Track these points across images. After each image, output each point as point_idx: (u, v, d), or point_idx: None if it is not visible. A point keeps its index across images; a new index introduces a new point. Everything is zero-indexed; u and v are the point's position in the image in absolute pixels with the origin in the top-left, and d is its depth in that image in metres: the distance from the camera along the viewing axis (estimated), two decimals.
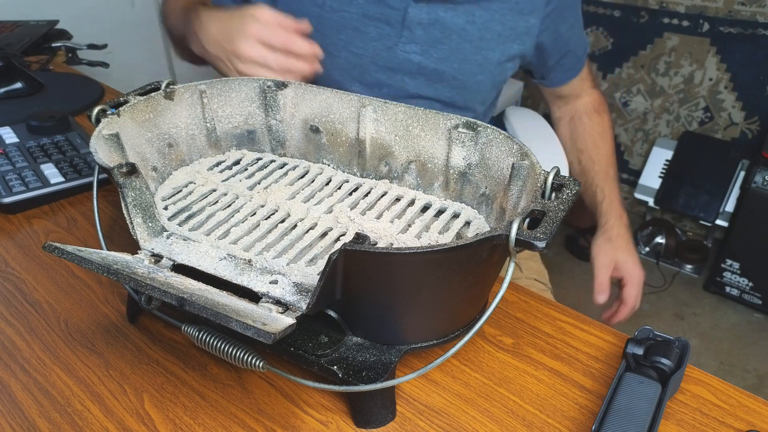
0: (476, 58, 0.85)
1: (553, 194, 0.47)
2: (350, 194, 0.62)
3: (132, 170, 0.52)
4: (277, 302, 0.46)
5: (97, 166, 0.57)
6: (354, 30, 0.83)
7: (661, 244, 2.08)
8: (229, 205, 0.60)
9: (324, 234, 0.56)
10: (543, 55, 0.93)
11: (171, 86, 0.64)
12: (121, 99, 0.60)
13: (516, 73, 0.96)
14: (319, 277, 0.42)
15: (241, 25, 0.69)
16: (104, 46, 1.44)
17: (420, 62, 0.85)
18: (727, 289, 1.90)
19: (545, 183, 0.47)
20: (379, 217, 0.58)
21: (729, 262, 1.87)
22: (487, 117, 1.01)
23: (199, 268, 0.50)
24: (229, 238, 0.54)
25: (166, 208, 0.58)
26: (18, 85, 1.07)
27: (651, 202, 2.11)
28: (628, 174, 2.31)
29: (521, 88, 2.29)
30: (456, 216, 0.59)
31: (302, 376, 0.47)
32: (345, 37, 0.84)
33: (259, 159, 0.68)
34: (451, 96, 0.89)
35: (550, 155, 1.06)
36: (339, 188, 0.63)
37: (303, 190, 0.62)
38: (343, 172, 0.66)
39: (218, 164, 0.67)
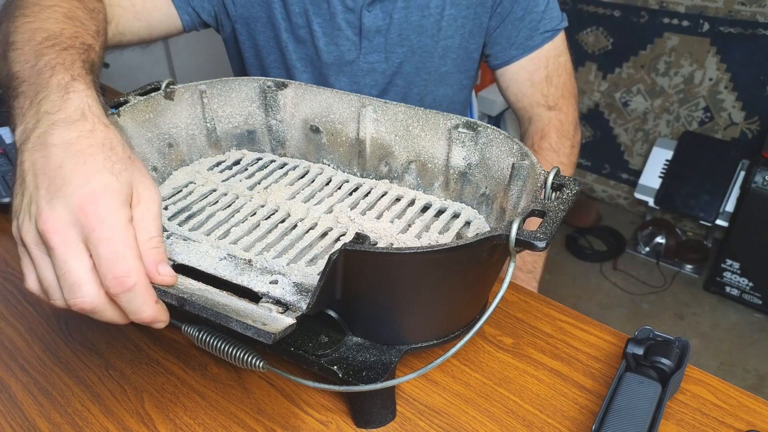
0: (438, 51, 0.84)
1: (553, 194, 0.47)
2: (350, 194, 0.62)
3: None
4: (277, 302, 0.46)
5: None
6: (314, 46, 0.83)
7: (661, 244, 2.08)
8: (229, 205, 0.60)
9: (324, 234, 0.56)
10: (494, 21, 0.84)
11: (171, 86, 0.64)
12: (121, 99, 0.60)
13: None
14: (319, 277, 0.42)
15: (89, 184, 0.38)
16: None
17: (384, 70, 0.84)
18: (727, 289, 1.90)
19: (545, 183, 0.47)
20: (379, 217, 0.57)
21: (729, 262, 1.87)
22: (466, 106, 0.97)
23: (199, 268, 0.50)
24: (229, 238, 0.54)
25: (166, 208, 0.58)
26: None
27: (651, 202, 2.11)
28: (628, 174, 2.31)
29: None
30: (456, 216, 0.59)
31: (302, 376, 0.47)
32: (307, 50, 0.83)
33: (259, 159, 0.68)
34: (421, 95, 0.88)
35: None
36: (339, 188, 0.63)
37: (303, 190, 0.62)
38: (343, 172, 0.66)
39: (218, 164, 0.67)
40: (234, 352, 0.48)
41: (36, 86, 0.44)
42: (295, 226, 0.57)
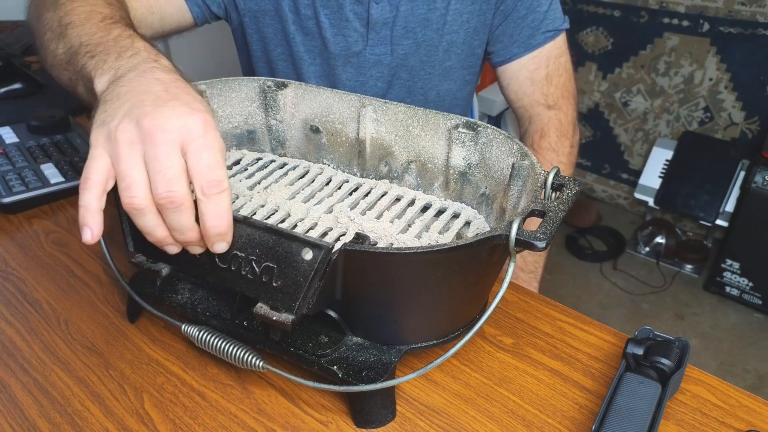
0: (442, 45, 0.84)
1: (553, 194, 0.47)
2: (350, 194, 0.62)
3: None
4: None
5: None
6: (321, 38, 0.83)
7: (661, 244, 2.08)
8: None
9: (324, 234, 0.56)
10: (497, 19, 0.85)
11: None
12: None
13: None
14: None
15: (185, 113, 0.41)
16: None
17: (390, 62, 0.85)
18: (727, 289, 1.90)
19: (545, 183, 0.47)
20: (379, 217, 0.57)
21: (729, 262, 1.87)
22: (469, 102, 0.98)
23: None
24: None
25: None
26: (18, 85, 1.07)
27: (651, 202, 2.11)
28: (628, 174, 2.31)
29: None
30: (456, 216, 0.59)
31: (302, 376, 0.47)
32: (316, 43, 0.84)
33: (259, 159, 0.68)
34: (425, 89, 0.88)
35: None
36: (339, 188, 0.63)
37: (303, 190, 0.62)
38: (343, 172, 0.66)
39: None
40: (234, 351, 0.48)
41: (119, 47, 0.49)
42: (295, 226, 0.57)
